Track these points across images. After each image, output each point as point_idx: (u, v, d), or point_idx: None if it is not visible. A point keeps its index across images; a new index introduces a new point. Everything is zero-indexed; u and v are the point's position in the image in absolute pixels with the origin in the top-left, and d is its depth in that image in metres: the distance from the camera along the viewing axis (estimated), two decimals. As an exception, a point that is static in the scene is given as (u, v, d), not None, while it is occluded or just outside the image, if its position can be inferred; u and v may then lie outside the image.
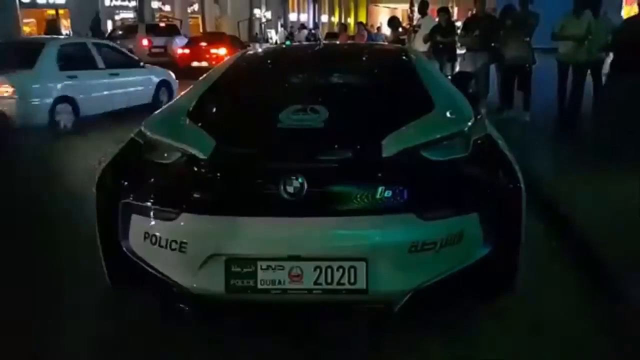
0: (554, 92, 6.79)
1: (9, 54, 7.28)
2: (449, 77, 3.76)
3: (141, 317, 2.50)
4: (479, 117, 2.54)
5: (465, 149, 2.20)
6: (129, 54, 9.36)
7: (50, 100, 6.82)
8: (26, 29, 29.20)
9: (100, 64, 7.79)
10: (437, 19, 8.71)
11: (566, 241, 3.28)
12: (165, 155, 2.25)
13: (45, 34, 26.69)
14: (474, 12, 8.06)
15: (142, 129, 2.46)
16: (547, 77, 7.07)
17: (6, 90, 6.45)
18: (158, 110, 2.74)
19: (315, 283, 2.02)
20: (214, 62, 11.28)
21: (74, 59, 7.45)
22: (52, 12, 30.83)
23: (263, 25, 37.05)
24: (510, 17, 7.16)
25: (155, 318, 2.49)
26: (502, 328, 2.37)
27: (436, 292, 2.10)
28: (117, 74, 7.95)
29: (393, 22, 10.23)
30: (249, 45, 16.21)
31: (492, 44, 7.30)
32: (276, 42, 23.32)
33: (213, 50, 13.53)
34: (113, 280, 2.35)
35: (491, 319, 2.43)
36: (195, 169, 2.15)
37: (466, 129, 2.29)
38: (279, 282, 2.03)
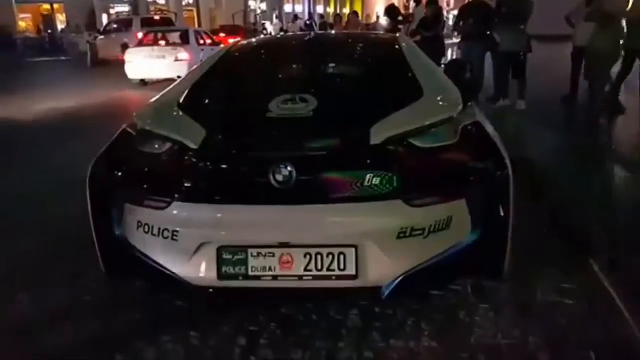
0: (549, 80, 6.78)
1: (166, 36, 13.63)
2: (443, 65, 3.77)
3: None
4: (468, 104, 2.56)
5: (454, 136, 2.22)
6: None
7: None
8: (22, 24, 29.08)
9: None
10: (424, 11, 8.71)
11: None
12: (157, 145, 2.29)
13: (45, 29, 26.69)
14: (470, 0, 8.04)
15: (134, 119, 2.49)
16: (542, 64, 7.08)
17: (185, 56, 11.66)
18: (150, 101, 2.76)
19: (306, 270, 2.06)
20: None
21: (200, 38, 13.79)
22: (47, 7, 30.75)
23: (258, 17, 36.87)
24: (505, 5, 7.15)
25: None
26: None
27: (425, 278, 2.14)
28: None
29: (391, 11, 10.00)
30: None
31: (488, 32, 7.30)
32: (271, 34, 23.26)
33: (231, 40, 14.62)
34: (108, 269, 2.38)
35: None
36: (186, 158, 2.19)
37: (455, 115, 2.31)
38: (270, 269, 2.07)
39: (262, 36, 17.33)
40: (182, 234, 2.11)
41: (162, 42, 13.02)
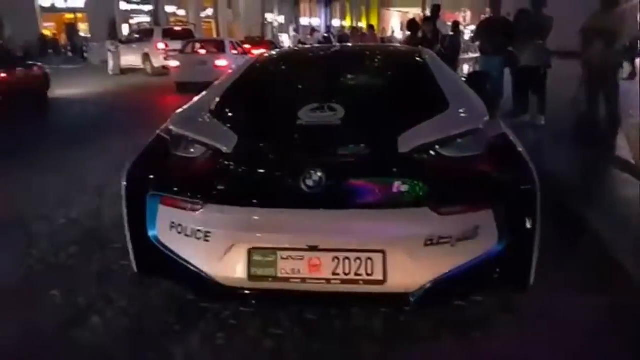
0: (570, 95, 6.75)
1: (207, 45, 14.85)
2: (464, 77, 3.82)
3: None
4: (493, 116, 2.61)
5: (480, 147, 2.27)
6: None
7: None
8: (46, 33, 29.71)
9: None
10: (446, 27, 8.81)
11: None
12: (190, 149, 2.38)
13: (67, 37, 27.23)
14: (489, 15, 8.09)
15: (169, 125, 2.59)
16: (561, 80, 7.08)
17: (224, 63, 13.01)
18: (182, 108, 2.85)
19: (334, 273, 2.10)
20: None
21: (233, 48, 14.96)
22: (71, 16, 31.42)
23: (275, 30, 37.29)
24: (524, 20, 7.19)
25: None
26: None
27: (452, 287, 2.16)
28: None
29: (412, 25, 9.74)
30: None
31: (508, 48, 7.32)
32: (288, 47, 23.60)
33: (255, 51, 15.73)
34: (140, 267, 2.44)
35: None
36: (219, 162, 2.26)
37: (481, 126, 2.36)
38: (299, 271, 2.12)
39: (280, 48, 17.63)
40: (214, 235, 2.17)
41: (202, 51, 14.22)
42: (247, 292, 2.20)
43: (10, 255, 3.31)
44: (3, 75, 8.72)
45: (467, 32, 25.74)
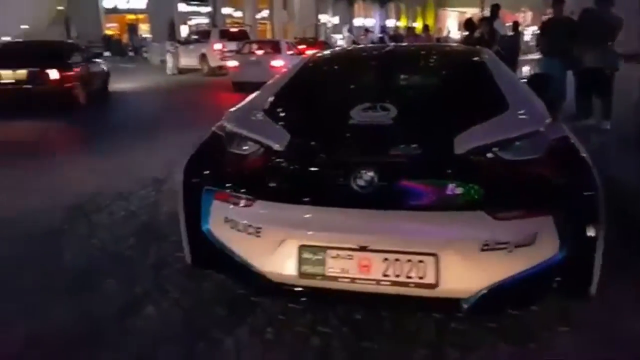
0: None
1: (263, 46, 15.16)
2: (524, 79, 3.69)
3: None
4: (555, 119, 2.51)
5: (541, 150, 2.19)
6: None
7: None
8: (109, 33, 31.14)
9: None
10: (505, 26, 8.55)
11: None
12: (244, 147, 2.42)
13: (120, 36, 28.47)
14: (551, 15, 7.78)
15: (223, 122, 2.65)
16: (629, 83, 6.73)
17: (279, 63, 13.24)
18: (237, 106, 2.91)
19: (384, 274, 2.08)
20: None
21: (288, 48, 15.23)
22: (132, 17, 32.78)
23: (328, 31, 37.44)
24: (590, 20, 6.87)
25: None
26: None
27: (507, 295, 2.09)
28: None
29: (469, 25, 9.52)
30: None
31: (571, 49, 7.02)
32: (341, 47, 23.65)
33: (309, 52, 15.85)
34: (194, 260, 2.50)
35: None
36: (271, 159, 2.29)
37: (542, 129, 2.27)
38: (348, 271, 2.11)
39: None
40: (264, 230, 2.19)
41: (259, 51, 14.65)
42: (296, 288, 2.22)
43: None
44: (77, 69, 9.90)
45: (527, 33, 24.93)
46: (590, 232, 2.09)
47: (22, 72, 9.24)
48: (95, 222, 3.81)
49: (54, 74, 9.31)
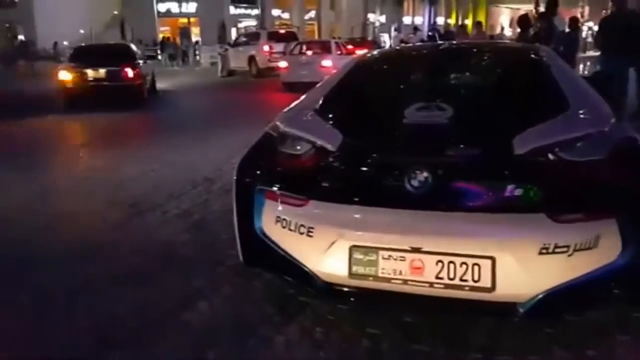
0: None
1: (313, 46, 15.63)
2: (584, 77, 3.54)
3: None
4: (619, 119, 2.40)
5: (604, 150, 2.09)
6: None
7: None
8: (165, 35, 32.21)
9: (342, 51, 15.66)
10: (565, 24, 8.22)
11: None
12: (297, 147, 2.43)
13: (175, 39, 29.45)
14: (612, 10, 7.43)
15: (277, 123, 2.67)
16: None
17: (329, 63, 13.45)
18: (289, 107, 2.94)
19: (437, 277, 2.04)
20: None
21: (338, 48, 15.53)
22: (184, 20, 33.77)
23: (376, 30, 37.24)
24: None
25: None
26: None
27: (566, 299, 2.01)
28: None
29: (523, 21, 9.24)
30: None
31: (634, 45, 6.68)
32: (390, 47, 23.47)
33: (358, 52, 16.07)
34: (246, 259, 2.55)
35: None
36: (324, 160, 2.29)
37: (605, 129, 2.18)
38: (400, 273, 2.08)
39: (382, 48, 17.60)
40: (317, 230, 2.20)
41: (309, 52, 14.97)
42: (347, 289, 2.21)
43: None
44: (127, 69, 11.08)
45: (585, 29, 23.94)
46: None
47: (102, 71, 10.85)
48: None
49: (130, 72, 10.96)
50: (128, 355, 2.29)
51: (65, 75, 10.95)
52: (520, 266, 1.97)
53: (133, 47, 13.35)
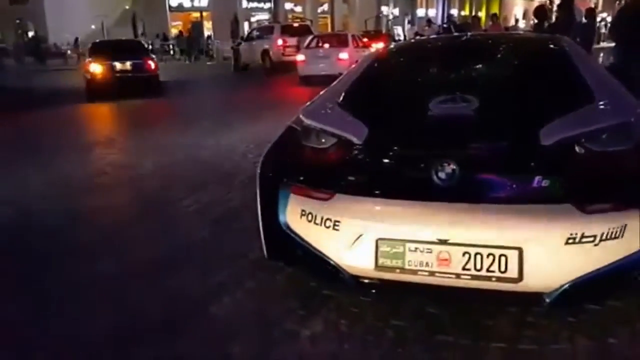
0: None
1: (330, 40, 15.67)
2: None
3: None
4: None
5: (630, 141, 2.10)
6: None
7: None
8: (174, 30, 32.36)
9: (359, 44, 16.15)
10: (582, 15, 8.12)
11: None
12: (322, 140, 2.44)
13: (190, 33, 29.61)
14: (626, 1, 7.33)
15: (300, 116, 2.68)
16: None
17: (346, 56, 13.86)
18: (312, 100, 2.95)
19: (464, 268, 2.05)
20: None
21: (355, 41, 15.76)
22: (196, 14, 33.83)
23: (390, 22, 37.01)
24: None
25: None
26: None
27: (592, 289, 2.03)
28: None
29: (540, 12, 9.13)
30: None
31: None
32: (404, 39, 23.33)
33: (374, 45, 16.59)
34: (269, 252, 2.57)
35: None
36: (350, 153, 2.31)
37: (631, 119, 2.18)
38: (427, 264, 2.10)
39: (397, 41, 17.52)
40: (343, 224, 2.22)
41: (326, 45, 15.04)
42: (374, 281, 2.23)
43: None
44: (149, 61, 12.72)
45: (599, 20, 23.57)
46: None
47: (127, 63, 12.28)
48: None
49: (152, 64, 12.59)
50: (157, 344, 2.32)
51: (95, 68, 12.10)
52: (547, 256, 1.98)
53: (143, 42, 14.83)
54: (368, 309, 2.46)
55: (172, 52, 29.40)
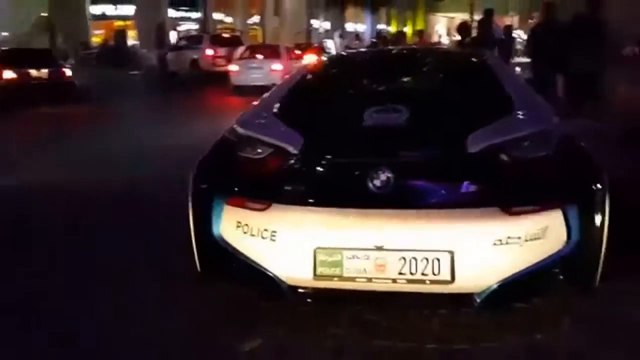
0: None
1: (263, 51, 15.66)
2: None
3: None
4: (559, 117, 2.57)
5: (549, 147, 2.25)
6: None
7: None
8: (96, 40, 31.04)
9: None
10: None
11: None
12: (258, 150, 2.42)
13: (114, 42, 28.53)
14: (540, 20, 7.92)
15: (235, 126, 2.65)
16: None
17: (279, 67, 13.94)
18: (247, 110, 2.92)
19: (400, 273, 2.10)
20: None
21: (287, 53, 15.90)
22: (120, 23, 32.64)
23: (320, 36, 37.56)
24: (579, 24, 7.00)
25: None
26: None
27: (519, 288, 2.14)
28: None
29: (463, 29, 9.45)
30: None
31: (561, 52, 7.13)
32: (336, 52, 23.78)
33: (306, 56, 16.98)
34: (203, 266, 2.48)
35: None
36: (286, 162, 2.30)
37: (549, 127, 2.36)
38: (364, 271, 2.13)
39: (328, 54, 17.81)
40: (280, 234, 2.20)
41: (260, 56, 15.10)
42: (312, 291, 2.23)
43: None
44: (64, 69, 12.86)
45: (515, 37, 25.19)
46: (597, 225, 2.16)
47: (44, 71, 12.20)
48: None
49: (68, 72, 12.75)
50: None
51: (9, 74, 11.84)
52: (477, 258, 2.08)
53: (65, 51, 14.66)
54: (306, 319, 2.45)
55: (95, 61, 28.14)
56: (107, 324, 2.51)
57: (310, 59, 13.53)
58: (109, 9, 32.52)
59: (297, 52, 17.93)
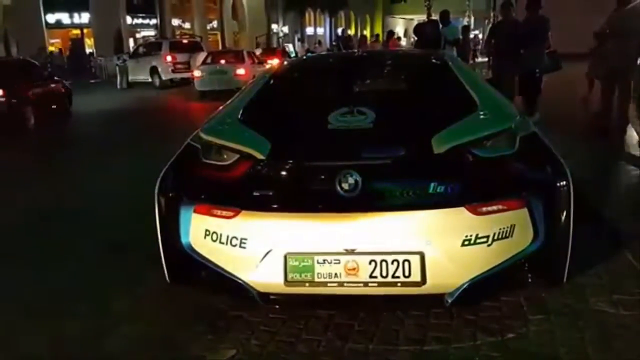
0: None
1: (226, 56, 15.77)
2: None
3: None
4: (522, 116, 2.62)
5: (513, 146, 2.28)
6: None
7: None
8: (51, 49, 30.04)
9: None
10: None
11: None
12: (224, 156, 2.38)
13: (71, 52, 27.68)
14: (497, 19, 8.12)
15: (200, 133, 2.60)
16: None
17: (243, 72, 14.19)
18: (212, 116, 2.87)
19: (371, 276, 2.11)
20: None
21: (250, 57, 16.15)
22: (76, 31, 31.73)
23: (281, 40, 37.52)
24: (525, 24, 7.22)
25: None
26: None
27: (488, 286, 2.17)
28: None
29: (419, 30, 9.66)
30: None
31: (517, 51, 7.32)
32: (296, 56, 23.78)
33: (269, 60, 16.91)
34: (172, 276, 2.45)
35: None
36: (253, 168, 2.27)
37: (512, 126, 2.38)
38: (336, 275, 2.12)
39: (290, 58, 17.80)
40: (249, 241, 2.18)
41: (222, 61, 15.10)
42: (284, 297, 2.20)
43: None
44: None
45: (472, 37, 25.80)
46: (563, 221, 2.21)
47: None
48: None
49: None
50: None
51: None
52: (447, 258, 2.09)
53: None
54: (279, 326, 2.41)
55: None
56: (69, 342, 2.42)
57: (273, 62, 13.53)
58: (64, 17, 31.57)
59: (261, 56, 18.04)
